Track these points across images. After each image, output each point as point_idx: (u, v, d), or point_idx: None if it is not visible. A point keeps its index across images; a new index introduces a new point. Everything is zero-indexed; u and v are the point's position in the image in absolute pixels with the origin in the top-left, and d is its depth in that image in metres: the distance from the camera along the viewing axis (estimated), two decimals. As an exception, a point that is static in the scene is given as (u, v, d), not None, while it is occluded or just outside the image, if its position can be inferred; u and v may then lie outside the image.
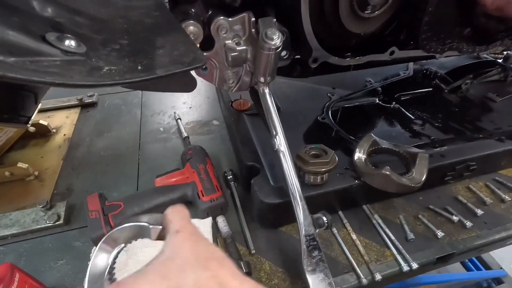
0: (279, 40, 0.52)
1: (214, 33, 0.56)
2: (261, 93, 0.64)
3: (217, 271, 0.28)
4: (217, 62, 0.61)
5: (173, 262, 0.28)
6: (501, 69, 1.04)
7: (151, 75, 0.30)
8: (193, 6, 0.56)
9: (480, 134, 0.82)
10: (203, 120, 1.04)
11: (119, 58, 0.32)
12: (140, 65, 0.31)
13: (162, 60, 0.33)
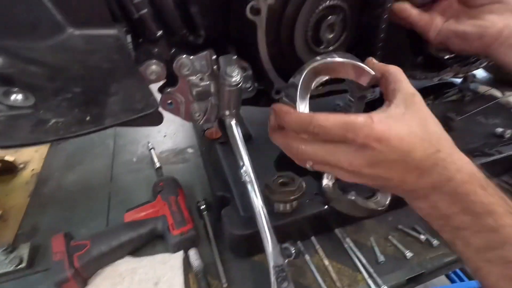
0: (238, 77, 0.55)
1: (177, 70, 0.57)
2: (227, 125, 0.65)
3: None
4: (183, 96, 0.62)
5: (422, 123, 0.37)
6: (458, 90, 1.12)
7: (98, 126, 0.31)
8: (156, 46, 0.57)
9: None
10: (177, 149, 1.04)
11: (69, 108, 0.33)
12: (89, 115, 0.32)
13: (113, 109, 0.34)
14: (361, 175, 0.39)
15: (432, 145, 0.37)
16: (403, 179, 0.38)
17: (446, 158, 0.37)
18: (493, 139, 0.93)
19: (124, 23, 0.56)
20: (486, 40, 0.50)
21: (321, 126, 0.37)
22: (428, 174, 0.37)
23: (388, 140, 0.36)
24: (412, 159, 0.36)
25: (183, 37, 0.58)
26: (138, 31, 0.58)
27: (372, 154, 0.36)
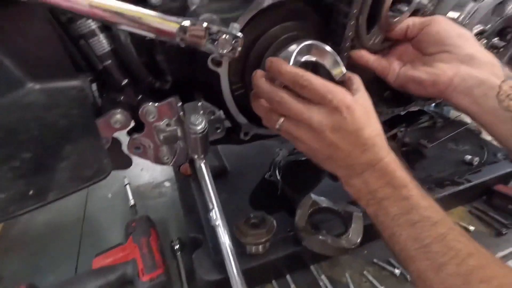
0: (203, 124, 0.55)
1: (143, 117, 0.58)
2: (197, 167, 0.65)
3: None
4: (150, 141, 0.62)
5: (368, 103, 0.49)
6: (429, 117, 1.16)
7: (39, 203, 0.31)
8: (122, 94, 0.58)
9: (413, 183, 0.88)
10: (154, 182, 1.03)
11: (13, 179, 0.32)
12: (33, 188, 0.31)
13: (61, 177, 0.34)
14: (322, 138, 0.46)
15: (375, 128, 0.47)
16: (350, 152, 0.46)
17: (381, 143, 0.47)
18: (462, 167, 0.96)
19: (89, 72, 0.57)
20: (439, 87, 0.53)
21: (310, 81, 0.45)
22: (368, 151, 0.46)
23: (354, 110, 0.45)
24: (361, 135, 0.45)
25: (150, 84, 0.59)
26: (104, 80, 0.58)
27: (339, 119, 0.44)
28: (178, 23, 0.39)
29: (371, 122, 0.47)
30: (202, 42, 0.41)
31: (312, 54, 0.52)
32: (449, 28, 0.53)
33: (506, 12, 0.62)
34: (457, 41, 0.51)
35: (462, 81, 0.50)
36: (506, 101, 0.48)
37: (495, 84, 0.48)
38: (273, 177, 0.92)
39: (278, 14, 0.54)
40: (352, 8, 0.52)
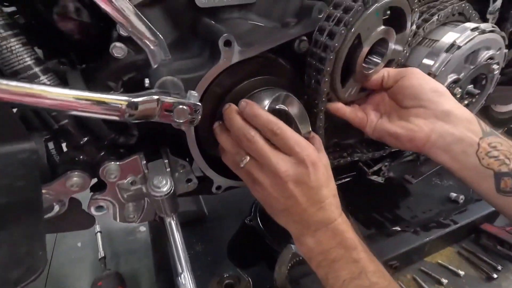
0: (167, 186, 0.51)
1: (103, 177, 0.53)
2: (166, 225, 0.60)
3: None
4: (114, 199, 0.58)
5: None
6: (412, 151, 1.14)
7: None
8: (81, 152, 0.54)
9: (398, 226, 0.85)
10: (129, 227, 0.97)
11: None
12: None
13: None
14: (284, 188, 0.45)
15: (332, 190, 0.48)
16: (306, 208, 0.46)
17: (336, 203, 0.48)
18: (448, 205, 0.93)
19: (45, 131, 0.53)
20: (416, 143, 0.51)
21: (282, 130, 0.45)
22: (324, 210, 0.46)
23: (317, 167, 0.46)
24: (320, 193, 0.46)
25: (113, 140, 0.55)
26: (61, 138, 0.54)
27: (303, 173, 0.45)
28: (125, 100, 0.36)
29: (329, 182, 0.48)
30: (154, 115, 0.38)
31: (286, 104, 0.52)
32: (423, 82, 0.51)
33: (479, 61, 0.62)
34: (432, 97, 0.50)
35: (439, 138, 0.49)
36: (486, 159, 0.46)
37: (473, 141, 0.47)
38: (253, 221, 0.87)
39: (247, 69, 0.52)
40: (326, 65, 0.50)
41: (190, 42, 0.54)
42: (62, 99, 0.35)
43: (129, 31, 0.45)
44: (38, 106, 0.34)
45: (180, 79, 0.46)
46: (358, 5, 0.47)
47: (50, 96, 0.34)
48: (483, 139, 0.47)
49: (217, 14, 0.55)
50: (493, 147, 0.46)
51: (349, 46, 0.50)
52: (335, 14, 0.49)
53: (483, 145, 0.47)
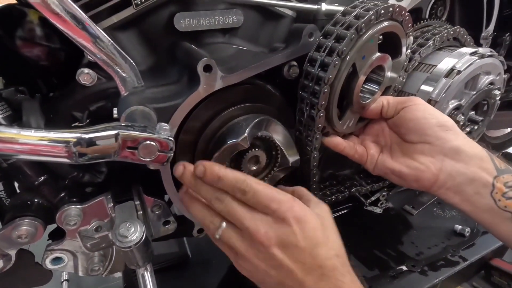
0: (136, 234, 0.43)
1: (61, 224, 0.45)
2: (139, 278, 0.51)
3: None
4: (75, 250, 0.49)
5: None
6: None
7: None
8: (36, 195, 0.46)
9: (404, 265, 0.77)
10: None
11: None
12: None
13: None
14: (270, 255, 0.37)
15: (334, 248, 0.38)
16: (303, 278, 0.36)
17: (344, 265, 0.38)
18: (454, 239, 0.86)
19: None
20: (424, 183, 0.46)
21: (252, 186, 0.38)
22: (328, 278, 0.37)
23: (305, 223, 0.37)
24: (317, 254, 0.37)
25: (75, 179, 0.48)
26: (13, 177, 0.46)
27: (287, 232, 0.37)
28: (73, 137, 0.29)
29: (329, 238, 0.38)
30: (112, 154, 0.31)
31: (269, 131, 0.46)
32: (428, 115, 0.46)
33: (479, 86, 0.58)
34: (439, 132, 0.44)
35: (449, 178, 0.43)
36: (502, 200, 0.41)
37: (487, 181, 0.41)
38: (243, 263, 0.78)
39: (231, 97, 0.47)
40: (320, 99, 0.45)
41: (167, 69, 0.49)
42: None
43: (97, 57, 0.39)
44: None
45: (153, 109, 0.39)
46: (351, 33, 0.43)
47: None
48: (497, 178, 0.41)
49: (198, 39, 0.50)
50: (509, 187, 0.41)
51: (344, 77, 0.45)
52: (327, 43, 0.44)
53: (498, 185, 0.41)
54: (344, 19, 0.45)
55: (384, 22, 0.45)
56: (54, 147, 0.28)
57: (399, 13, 0.46)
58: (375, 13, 0.43)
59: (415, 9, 0.62)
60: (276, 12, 0.54)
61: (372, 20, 0.43)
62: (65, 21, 0.36)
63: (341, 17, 0.45)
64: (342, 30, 0.44)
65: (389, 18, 0.46)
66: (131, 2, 0.45)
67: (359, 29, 0.43)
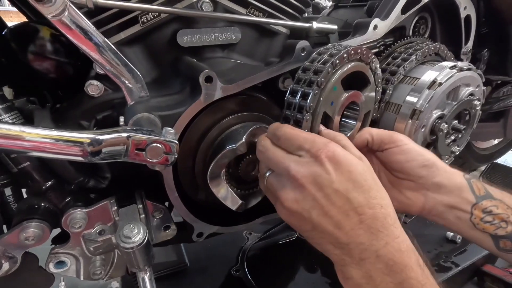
0: (139, 236, 0.45)
1: (66, 227, 0.47)
2: (139, 281, 0.52)
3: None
4: (78, 253, 0.50)
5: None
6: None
7: None
8: (43, 199, 0.48)
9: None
10: (100, 283, 0.85)
11: None
12: None
13: None
14: (304, 194, 0.36)
15: (377, 196, 0.35)
16: (340, 222, 0.35)
17: (387, 218, 0.35)
18: (446, 245, 0.88)
19: (2, 175, 0.47)
20: (411, 212, 0.50)
21: (285, 131, 0.40)
22: (367, 226, 0.34)
23: (338, 163, 0.36)
24: (354, 198, 0.35)
25: (81, 184, 0.50)
26: (21, 183, 0.49)
27: (319, 171, 0.36)
28: (88, 138, 0.32)
29: (372, 186, 0.36)
30: (123, 154, 0.34)
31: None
32: (410, 158, 0.47)
33: (460, 97, 0.63)
34: (421, 172, 0.46)
35: (432, 208, 0.47)
36: (480, 224, 0.44)
37: (465, 209, 0.45)
38: (240, 272, 0.79)
39: (230, 106, 0.50)
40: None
41: (170, 80, 0.52)
42: (15, 138, 0.30)
43: (106, 69, 0.43)
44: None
45: (158, 116, 0.43)
46: (314, 89, 0.44)
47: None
48: (476, 206, 0.45)
49: (199, 53, 0.54)
50: (487, 212, 0.44)
51: (318, 124, 0.46)
52: (294, 102, 0.45)
53: (476, 212, 0.45)
54: (305, 76, 0.46)
55: (344, 67, 0.46)
56: (70, 146, 0.31)
57: (360, 53, 0.47)
58: (331, 65, 0.44)
59: (399, 27, 0.68)
60: (271, 30, 0.59)
61: (330, 72, 0.44)
62: (79, 37, 0.39)
63: (302, 74, 0.46)
64: (305, 88, 0.45)
65: (350, 60, 0.47)
66: (138, 20, 0.49)
67: (320, 84, 0.44)
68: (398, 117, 0.61)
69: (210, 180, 0.49)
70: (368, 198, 0.35)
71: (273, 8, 0.57)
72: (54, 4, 0.35)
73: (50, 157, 0.32)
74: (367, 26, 0.59)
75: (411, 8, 0.63)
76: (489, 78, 0.88)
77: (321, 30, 0.60)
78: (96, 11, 0.44)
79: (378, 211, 0.35)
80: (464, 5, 0.71)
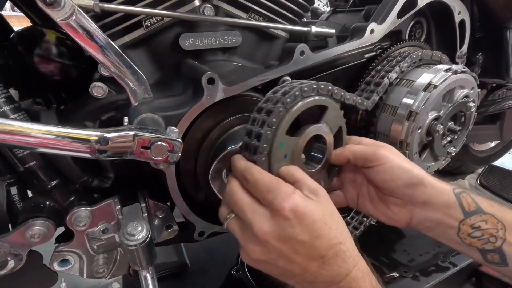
0: (142, 234, 0.46)
1: (71, 225, 0.48)
2: (141, 280, 0.53)
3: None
4: (81, 251, 0.51)
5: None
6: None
7: None
8: (48, 198, 0.49)
9: (396, 272, 0.80)
10: (100, 284, 0.86)
11: None
12: None
13: None
14: (268, 248, 0.38)
15: (336, 236, 0.38)
16: (306, 266, 0.38)
17: (346, 252, 0.38)
18: (444, 246, 0.88)
19: (8, 175, 0.48)
20: (399, 226, 0.49)
21: (254, 175, 0.39)
22: (330, 265, 0.38)
23: (302, 216, 0.37)
24: (318, 245, 0.37)
25: (85, 183, 0.51)
26: (27, 182, 0.50)
27: (284, 225, 0.37)
28: (96, 136, 0.34)
29: (331, 227, 0.38)
30: (129, 152, 0.35)
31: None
32: (395, 177, 0.46)
33: (455, 99, 0.64)
34: (407, 191, 0.45)
35: (420, 223, 0.46)
36: (468, 239, 0.44)
37: (452, 225, 0.44)
38: (241, 272, 0.79)
39: (231, 107, 0.51)
40: None
41: (172, 82, 0.54)
42: (27, 134, 0.32)
43: (111, 70, 0.44)
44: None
45: (161, 117, 0.44)
46: (261, 157, 0.40)
47: (12, 131, 0.31)
48: (464, 221, 0.43)
49: (201, 56, 0.56)
50: (476, 228, 0.43)
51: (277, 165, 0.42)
52: (250, 144, 0.42)
53: (464, 228, 0.43)
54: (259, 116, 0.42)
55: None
56: (79, 143, 0.32)
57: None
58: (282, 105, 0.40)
59: (396, 31, 0.70)
60: (271, 34, 0.61)
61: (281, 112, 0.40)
62: (86, 39, 0.41)
63: (256, 115, 0.42)
64: (252, 156, 0.41)
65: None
66: (142, 24, 0.51)
67: (260, 152, 0.40)
68: (394, 119, 0.62)
69: (211, 180, 0.50)
70: (329, 240, 0.38)
71: (272, 12, 0.58)
72: (63, 9, 0.37)
73: (61, 154, 0.33)
74: (364, 30, 0.61)
75: (406, 13, 0.65)
76: (484, 81, 0.89)
77: (320, 34, 0.62)
78: (102, 15, 0.46)
79: (338, 248, 0.38)
80: (459, 10, 0.73)
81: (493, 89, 1.00)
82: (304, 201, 0.38)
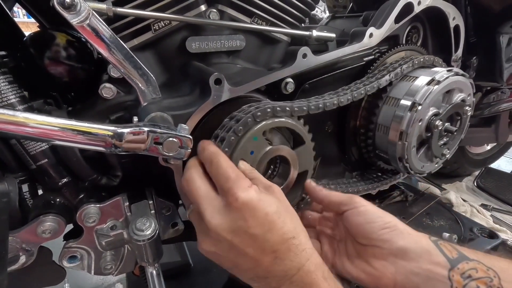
0: (151, 229, 0.47)
1: (80, 221, 0.49)
2: (148, 276, 0.54)
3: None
4: (90, 248, 0.52)
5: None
6: (400, 191, 1.15)
7: None
8: (58, 195, 0.50)
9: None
10: (104, 284, 0.86)
11: None
12: None
13: None
14: (220, 240, 0.38)
15: (289, 230, 0.39)
16: (258, 260, 0.38)
17: (299, 246, 0.39)
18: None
19: (20, 172, 0.50)
20: (384, 287, 0.44)
21: (219, 160, 0.39)
22: (282, 260, 0.38)
23: (255, 209, 0.37)
24: (270, 238, 0.37)
25: (94, 181, 0.52)
26: (38, 179, 0.51)
27: (236, 218, 0.37)
28: (111, 131, 0.35)
29: (284, 221, 0.38)
30: (143, 148, 0.37)
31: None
32: (370, 220, 0.45)
33: (453, 100, 0.67)
34: (384, 235, 0.43)
35: (406, 280, 0.42)
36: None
37: (442, 275, 0.40)
38: (243, 271, 0.80)
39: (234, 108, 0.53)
40: None
41: (179, 83, 0.56)
42: (46, 127, 0.33)
43: (122, 71, 0.46)
44: (20, 134, 0.33)
45: (170, 115, 0.46)
46: (230, 135, 0.44)
47: (33, 124, 0.32)
48: (453, 271, 0.40)
49: (206, 59, 0.58)
50: (468, 277, 0.39)
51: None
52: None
53: (456, 278, 0.39)
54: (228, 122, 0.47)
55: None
56: (95, 137, 0.34)
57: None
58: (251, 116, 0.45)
59: (393, 35, 0.72)
60: (274, 37, 0.63)
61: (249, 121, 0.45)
62: (99, 41, 0.43)
63: (228, 120, 0.48)
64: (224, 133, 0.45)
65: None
66: (151, 27, 0.53)
67: (237, 132, 0.44)
68: (397, 110, 0.63)
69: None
70: (282, 235, 0.38)
71: (275, 17, 0.61)
72: (79, 12, 0.39)
73: (77, 147, 0.35)
74: (363, 34, 0.64)
75: (403, 18, 0.68)
76: (479, 84, 0.92)
77: (320, 38, 0.64)
78: (114, 18, 0.48)
79: (291, 243, 0.38)
80: (453, 16, 0.76)
81: (488, 92, 1.03)
82: (259, 195, 0.38)
